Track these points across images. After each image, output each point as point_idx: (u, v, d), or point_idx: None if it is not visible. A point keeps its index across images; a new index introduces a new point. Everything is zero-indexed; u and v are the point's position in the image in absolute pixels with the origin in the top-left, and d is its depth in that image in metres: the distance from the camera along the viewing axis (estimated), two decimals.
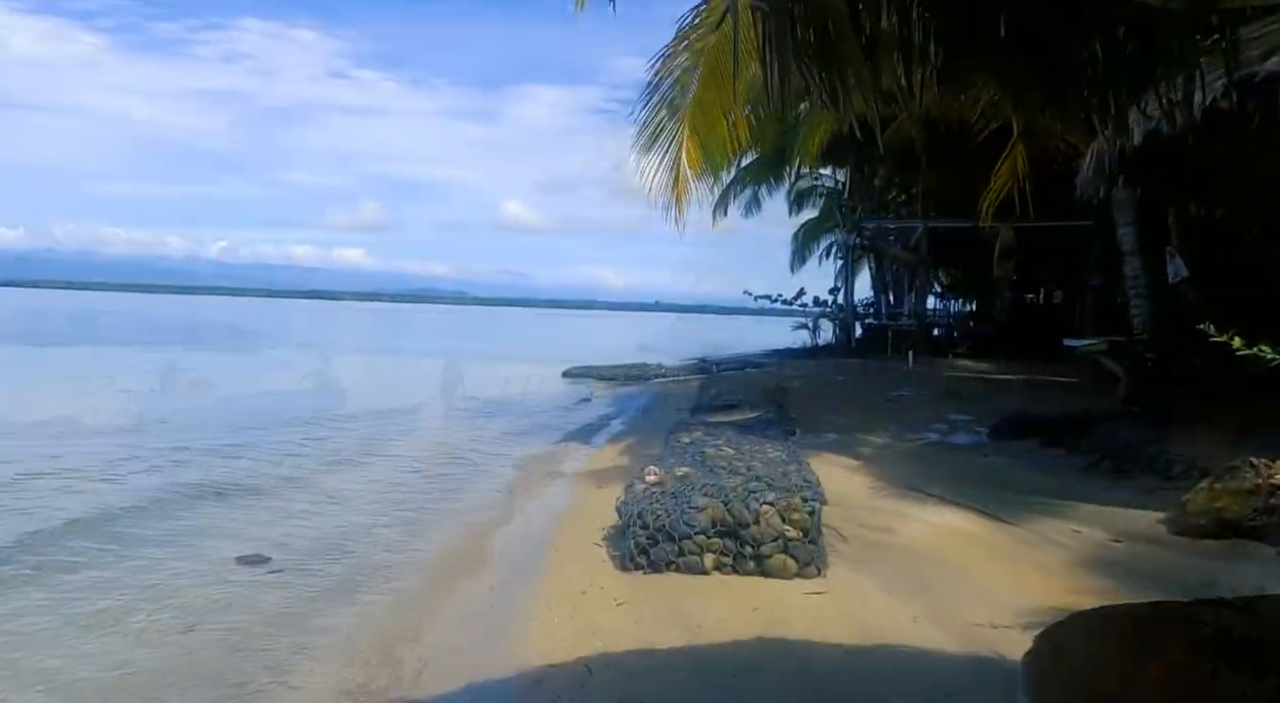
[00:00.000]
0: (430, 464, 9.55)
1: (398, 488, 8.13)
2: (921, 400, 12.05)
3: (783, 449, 6.94)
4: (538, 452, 10.48)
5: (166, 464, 9.01)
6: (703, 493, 5.31)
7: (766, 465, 6.08)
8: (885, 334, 24.75)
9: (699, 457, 6.57)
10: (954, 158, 22.37)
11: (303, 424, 12.24)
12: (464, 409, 14.40)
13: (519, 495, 7.92)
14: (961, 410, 10.56)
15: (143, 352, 27.71)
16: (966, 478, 7.12)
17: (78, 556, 5.79)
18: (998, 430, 9.02)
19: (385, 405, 14.81)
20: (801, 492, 5.14)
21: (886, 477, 7.20)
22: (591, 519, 6.50)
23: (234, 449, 10.08)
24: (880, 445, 8.80)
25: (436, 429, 12.24)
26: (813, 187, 38.07)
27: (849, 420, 10.31)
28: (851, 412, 11.14)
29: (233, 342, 37.58)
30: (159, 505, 7.22)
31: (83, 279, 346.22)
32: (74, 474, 8.27)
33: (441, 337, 51.85)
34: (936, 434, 9.15)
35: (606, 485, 7.84)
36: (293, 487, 8.18)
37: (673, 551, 5.05)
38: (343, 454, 10.12)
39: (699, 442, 7.56)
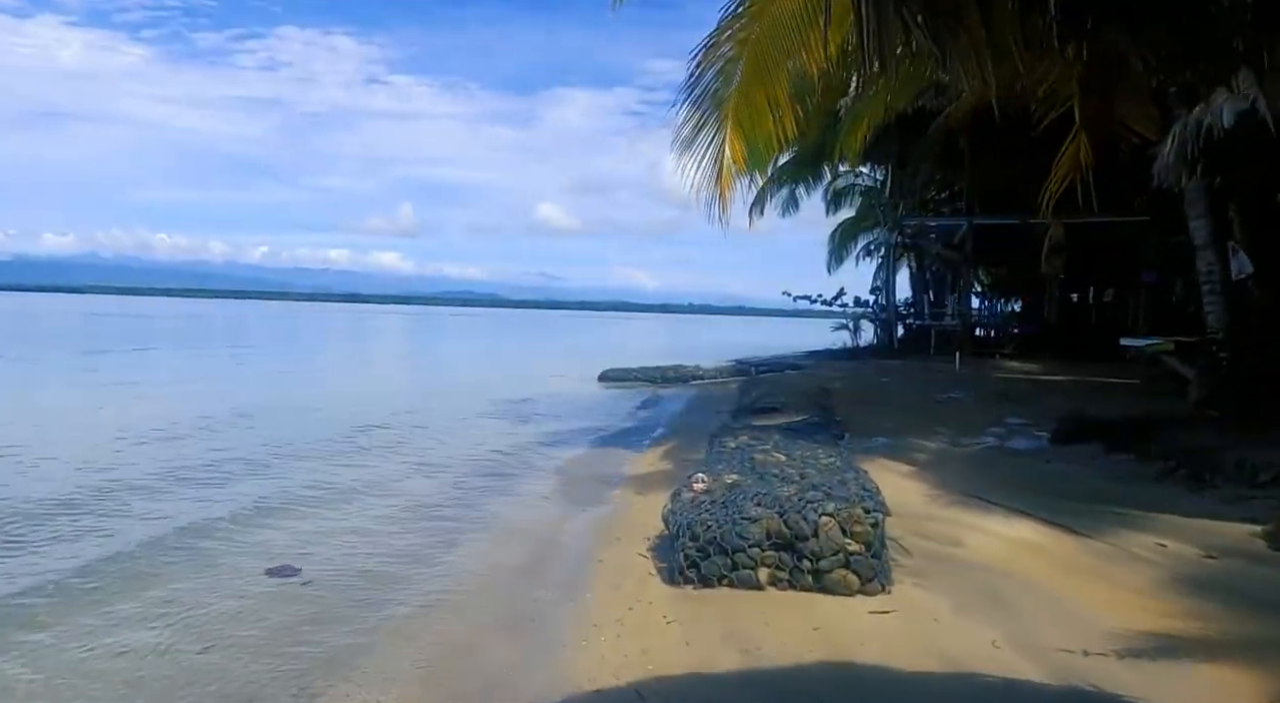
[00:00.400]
0: (466, 469, 9.33)
1: (432, 495, 7.91)
2: (972, 403, 11.59)
3: (835, 454, 6.58)
4: (576, 456, 10.23)
5: (214, 476, 8.91)
6: (755, 503, 4.99)
7: (821, 472, 5.74)
8: (928, 334, 24.20)
9: (748, 463, 6.24)
10: (1000, 152, 21.83)
11: (346, 429, 12.12)
12: (500, 413, 14.21)
13: (559, 503, 7.66)
14: (1016, 414, 10.11)
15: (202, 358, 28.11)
16: (1031, 486, 6.71)
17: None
18: (1058, 435, 8.56)
19: (418, 409, 14.67)
20: (863, 502, 4.79)
21: (945, 484, 6.81)
22: (635, 528, 6.23)
23: (274, 454, 9.97)
24: (935, 450, 8.40)
25: (472, 433, 12.04)
26: (850, 185, 37.64)
27: (899, 424, 9.91)
28: (900, 414, 10.73)
29: (275, 345, 37.99)
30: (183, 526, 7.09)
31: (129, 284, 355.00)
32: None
33: (476, 339, 52.07)
34: (993, 439, 8.72)
35: (649, 492, 7.57)
36: (327, 492, 8.00)
37: (725, 564, 4.74)
38: (377, 460, 9.95)
39: (746, 446, 7.23)
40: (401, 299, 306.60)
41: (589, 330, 75.61)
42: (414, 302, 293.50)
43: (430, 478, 8.74)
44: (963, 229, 21.80)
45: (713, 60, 8.24)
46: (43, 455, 9.40)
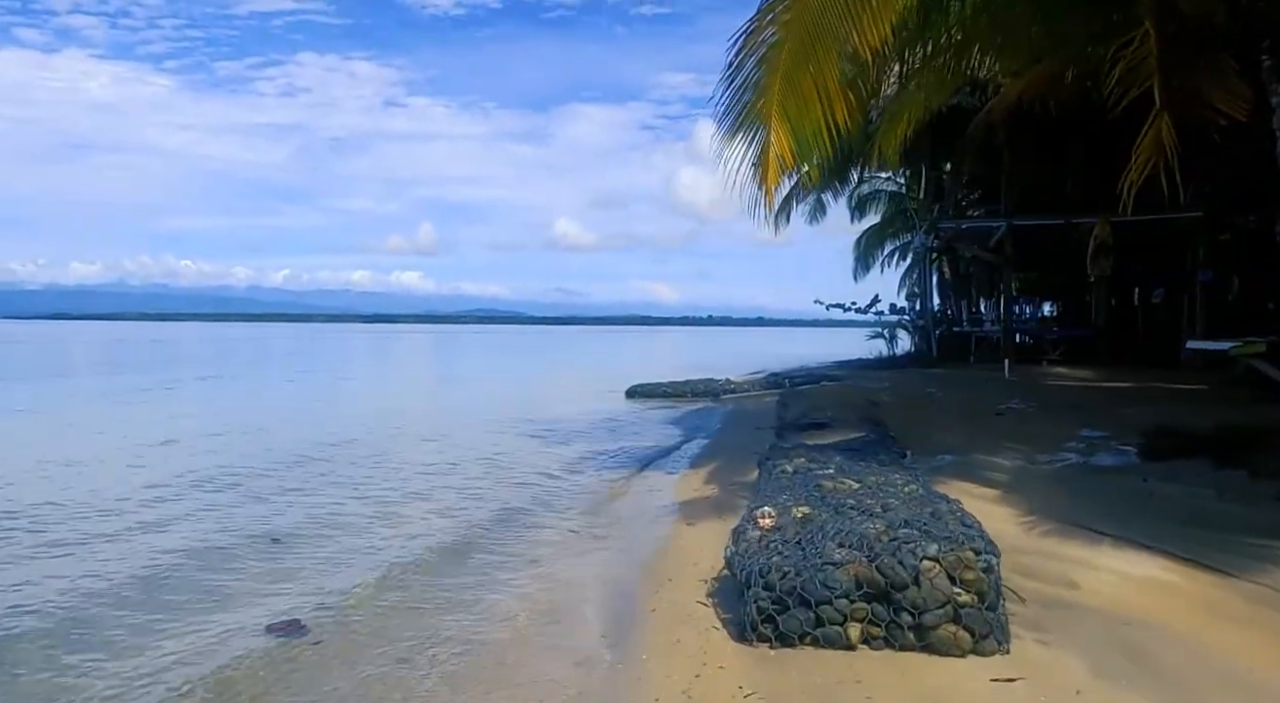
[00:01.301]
0: (492, 495, 8.62)
1: (455, 530, 7.18)
2: (1035, 414, 10.73)
3: (912, 480, 5.79)
4: (611, 481, 9.48)
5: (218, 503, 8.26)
6: (838, 543, 4.22)
7: (906, 503, 4.95)
8: (967, 342, 23.30)
9: (815, 490, 5.46)
10: (1040, 151, 20.95)
11: (366, 449, 11.48)
12: (525, 433, 13.50)
13: (596, 536, 6.90)
14: (1090, 425, 9.24)
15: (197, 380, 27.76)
16: (1135, 510, 5.88)
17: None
18: (1150, 449, 7.70)
19: (440, 432, 14.01)
20: (971, 541, 4.01)
21: (1037, 509, 5.99)
22: (689, 567, 5.47)
23: (286, 480, 9.32)
24: (1012, 469, 7.57)
25: (497, 456, 11.33)
26: (876, 191, 36.88)
27: (962, 439, 9.09)
28: (959, 428, 9.90)
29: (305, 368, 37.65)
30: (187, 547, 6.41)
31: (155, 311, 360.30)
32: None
33: (499, 357, 51.55)
34: (1074, 455, 7.87)
35: (698, 521, 6.82)
36: (343, 526, 7.30)
37: (807, 619, 3.96)
38: (399, 484, 9.26)
39: (805, 470, 6.46)
40: (423, 318, 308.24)
41: (611, 345, 74.96)
42: (436, 320, 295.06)
43: (453, 509, 8.01)
44: (1001, 230, 20.90)
45: (754, 46, 7.53)
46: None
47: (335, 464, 10.42)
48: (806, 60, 7.29)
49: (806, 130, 7.38)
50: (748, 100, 7.60)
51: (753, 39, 7.49)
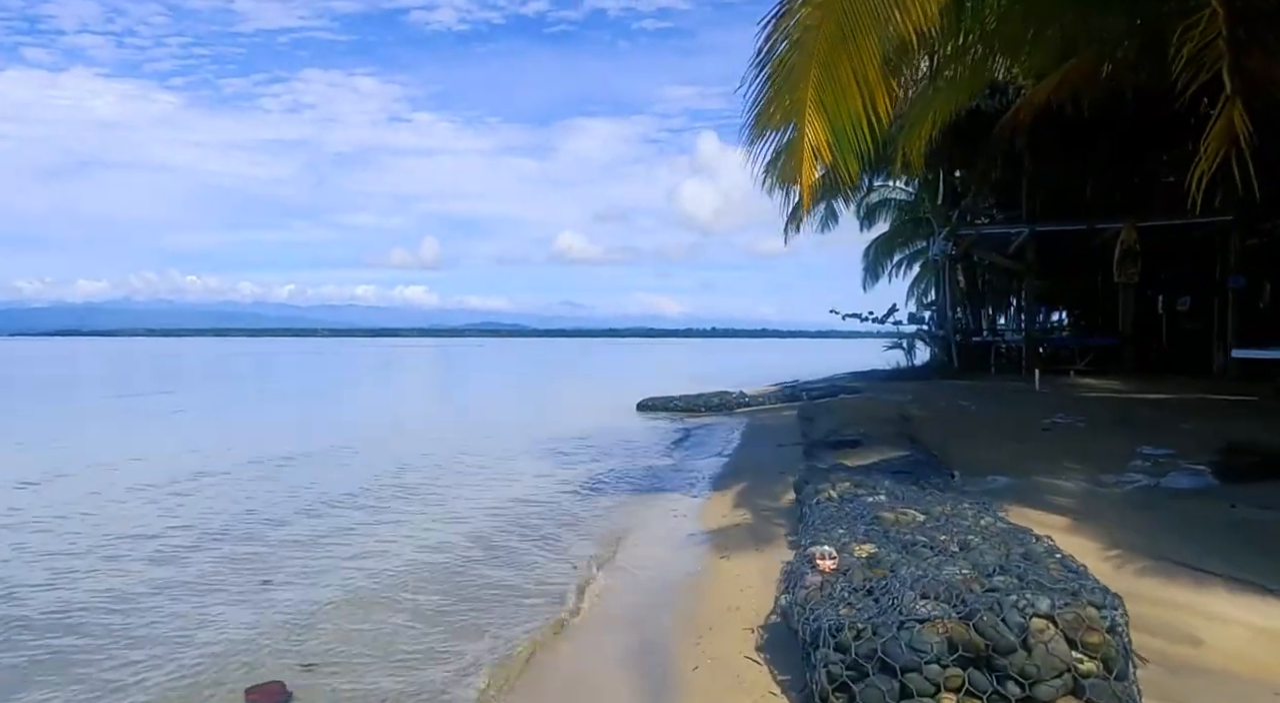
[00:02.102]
0: (499, 526, 7.91)
1: (459, 567, 6.48)
2: (1083, 429, 10.01)
3: (983, 509, 5.09)
4: (628, 505, 8.77)
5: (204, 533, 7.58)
6: (920, 593, 3.52)
7: (986, 539, 4.25)
8: (987, 352, 22.58)
9: (874, 523, 4.76)
10: (1064, 154, 20.29)
11: (367, 475, 10.79)
12: (535, 451, 12.80)
13: (619, 569, 6.19)
14: (1149, 442, 8.52)
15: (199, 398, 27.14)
16: (1238, 544, 5.16)
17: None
18: (1225, 469, 6.97)
19: (448, 451, 13.33)
20: (1089, 594, 3.30)
21: (1121, 542, 5.28)
22: (731, 613, 4.77)
23: (276, 509, 8.64)
24: (1076, 492, 6.85)
25: (506, 477, 10.64)
26: (884, 200, 36.26)
27: (1009, 457, 8.37)
28: (1005, 445, 9.18)
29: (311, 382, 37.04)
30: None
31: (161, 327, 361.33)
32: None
33: (504, 370, 50.90)
34: (1142, 476, 7.14)
35: (733, 554, 6.11)
36: (337, 559, 6.61)
37: (891, 690, 3.25)
38: (399, 507, 8.57)
39: (853, 496, 5.76)
40: (428, 332, 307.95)
41: (617, 357, 74.30)
42: (440, 334, 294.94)
43: (458, 542, 7.30)
44: (1023, 236, 20.25)
45: (786, 30, 6.89)
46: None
47: (331, 487, 9.73)
48: (844, 45, 6.64)
49: (844, 121, 6.72)
50: (780, 90, 6.95)
51: (784, 22, 6.85)
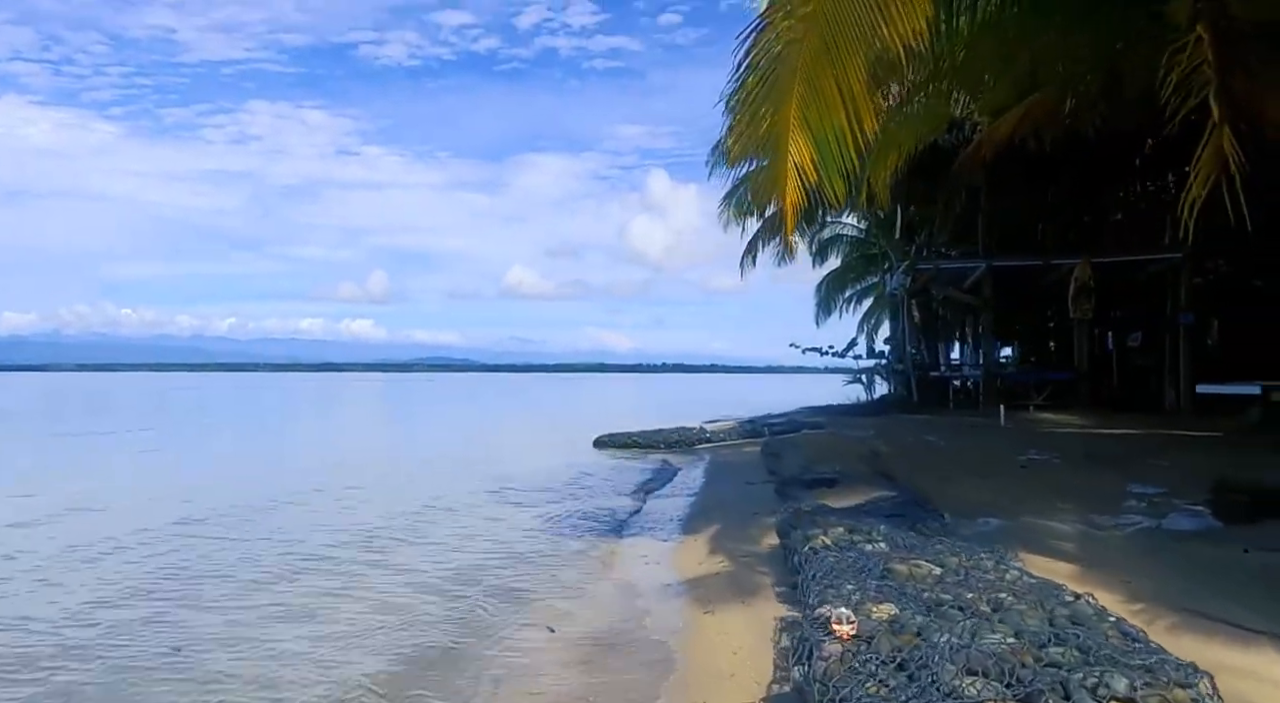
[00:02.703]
0: (455, 574, 7.20)
1: (402, 632, 5.75)
2: (1060, 466, 9.70)
3: (998, 558, 4.61)
4: (595, 550, 8.13)
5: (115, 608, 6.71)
6: (961, 666, 2.99)
7: (1019, 597, 3.75)
8: (945, 386, 22.54)
9: (885, 576, 4.24)
10: (1023, 189, 20.51)
11: (309, 519, 9.95)
12: (488, 492, 12.06)
13: (589, 634, 5.54)
14: (1135, 479, 8.21)
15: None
16: (1269, 593, 4.76)
17: None
18: (1224, 509, 6.65)
19: (395, 489, 12.51)
20: (1172, 671, 2.81)
21: (1142, 593, 4.84)
22: (724, 682, 4.19)
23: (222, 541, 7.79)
24: (1075, 536, 6.44)
25: (456, 522, 9.90)
26: (836, 236, 36.55)
27: (993, 495, 7.97)
28: (986, 483, 8.80)
29: (239, 418, 35.45)
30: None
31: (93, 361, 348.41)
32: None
33: (454, 406, 49.67)
34: (1141, 517, 6.78)
35: (717, 608, 5.53)
36: (260, 622, 5.83)
37: None
38: (341, 558, 7.78)
39: (848, 543, 5.25)
40: (374, 367, 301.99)
41: (570, 392, 73.38)
42: (388, 368, 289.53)
43: (404, 600, 6.56)
44: (980, 271, 20.29)
45: (768, 44, 6.51)
46: None
47: (255, 540, 8.81)
48: (828, 58, 6.28)
49: (829, 137, 6.33)
50: (761, 106, 6.55)
51: (766, 34, 6.47)
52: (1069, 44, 10.69)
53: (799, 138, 6.28)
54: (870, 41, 6.24)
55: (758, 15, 6.59)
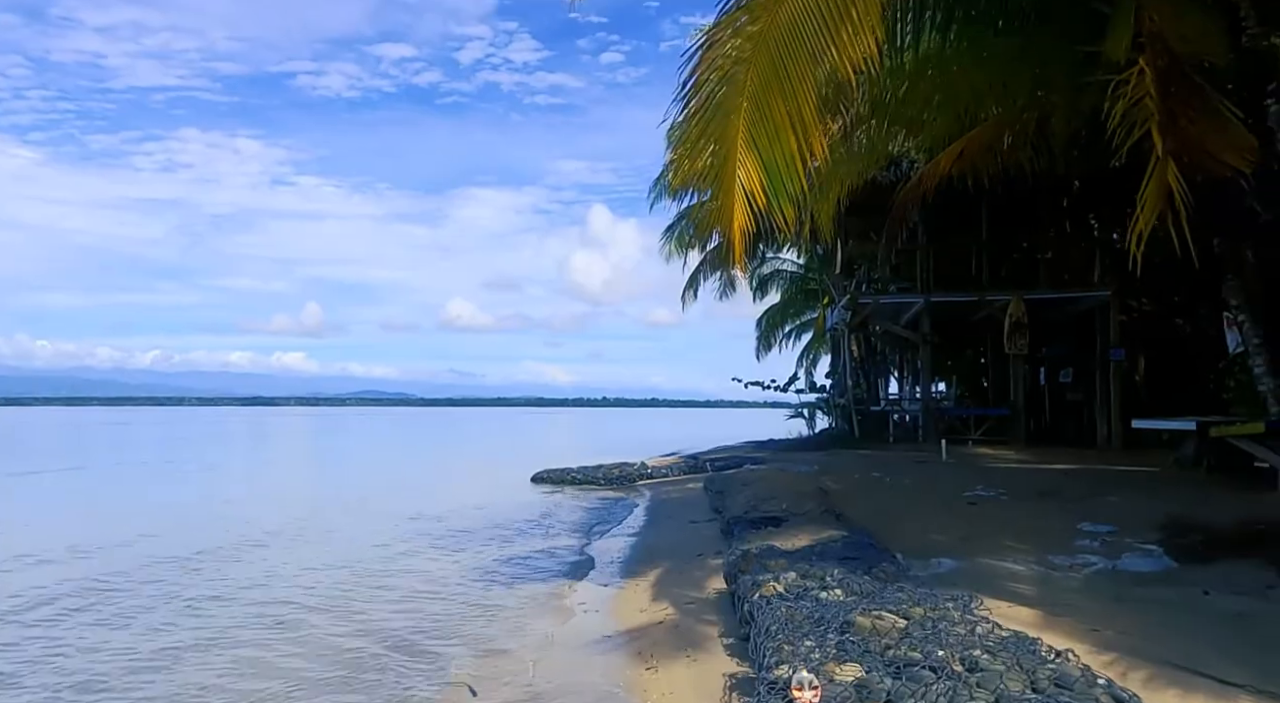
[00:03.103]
0: (372, 627, 6.59)
1: (322, 675, 5.16)
2: (1008, 502, 9.53)
3: (961, 606, 4.27)
4: (528, 597, 7.59)
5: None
6: None
7: (994, 654, 3.40)
8: (885, 421, 22.56)
9: (846, 631, 3.85)
10: (958, 225, 20.86)
11: (206, 558, 9.15)
12: (417, 534, 11.40)
13: (515, 691, 5.01)
14: (1085, 517, 8.05)
15: None
16: (1238, 641, 4.54)
17: None
18: (1183, 549, 6.50)
19: (316, 532, 11.74)
20: None
21: (1111, 642, 4.56)
22: None
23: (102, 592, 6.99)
24: (1032, 578, 6.18)
25: (379, 567, 9.24)
26: (776, 272, 36.92)
27: (949, 536, 7.71)
28: (934, 521, 8.54)
29: (150, 454, 33.58)
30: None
31: (1, 394, 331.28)
32: None
33: (387, 441, 48.18)
34: (1096, 558, 6.57)
35: (661, 662, 5.08)
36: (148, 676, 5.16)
37: None
38: (248, 612, 7.09)
39: (802, 590, 4.86)
40: (305, 400, 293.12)
41: (508, 426, 72.12)
42: (320, 402, 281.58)
43: (308, 662, 5.93)
44: (917, 307, 20.46)
45: (714, 63, 6.24)
46: None
47: (154, 596, 8.02)
48: (778, 80, 6.04)
49: (778, 161, 6.06)
50: (707, 128, 6.27)
51: (712, 54, 6.21)
52: (1006, 83, 10.82)
53: (747, 160, 5.99)
54: (820, 63, 6.03)
55: (703, 32, 6.33)
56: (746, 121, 6.04)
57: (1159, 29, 6.93)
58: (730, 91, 6.11)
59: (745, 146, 6.01)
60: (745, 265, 7.95)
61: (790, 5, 5.95)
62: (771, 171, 6.05)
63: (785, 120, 6.05)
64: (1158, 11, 6.99)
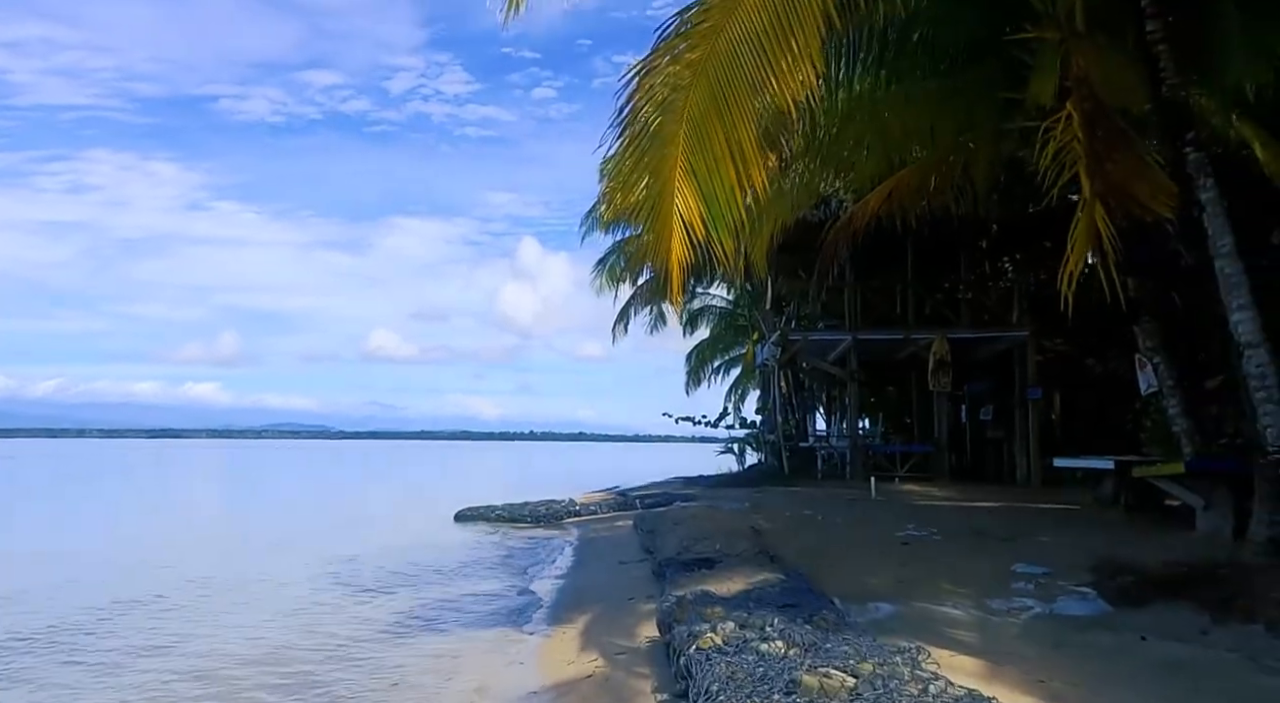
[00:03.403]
0: (260, 687, 6.02)
1: None
2: (940, 542, 9.48)
3: (907, 660, 4.05)
4: (447, 648, 7.10)
5: None
6: None
7: None
8: (813, 457, 22.65)
9: (791, 691, 3.57)
10: (884, 264, 21.29)
11: (100, 614, 8.34)
12: (325, 578, 10.71)
13: None
14: (1018, 557, 8.01)
15: None
16: (1186, 690, 4.43)
17: None
18: (1110, 591, 6.46)
19: (204, 577, 10.92)
20: None
21: (1054, 694, 4.42)
22: None
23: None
24: (971, 623, 6.04)
25: (284, 613, 8.59)
26: (706, 307, 37.17)
27: (885, 579, 7.55)
28: (867, 562, 8.40)
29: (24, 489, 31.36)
30: None
31: None
32: None
33: (302, 475, 46.29)
34: (1032, 601, 6.48)
35: None
36: None
37: None
38: (165, 667, 6.41)
39: (741, 642, 4.58)
40: (217, 433, 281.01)
41: (431, 461, 70.33)
42: (233, 435, 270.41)
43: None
44: (845, 344, 20.70)
45: (651, 90, 6.07)
46: None
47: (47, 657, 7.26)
48: (717, 109, 5.91)
49: (716, 191, 5.90)
50: (643, 156, 6.07)
51: (650, 80, 6.04)
52: (933, 126, 11.06)
53: (685, 189, 5.81)
54: (760, 93, 5.92)
55: (640, 62, 6.17)
56: (685, 150, 5.88)
57: (1085, 73, 7.09)
58: (668, 119, 5.94)
59: (684, 175, 5.84)
60: (680, 299, 7.77)
61: (730, 33, 5.85)
62: (710, 202, 5.88)
63: (724, 150, 5.91)
64: (1083, 57, 7.16)
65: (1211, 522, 8.46)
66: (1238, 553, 7.12)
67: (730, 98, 5.93)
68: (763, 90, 5.86)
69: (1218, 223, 6.81)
